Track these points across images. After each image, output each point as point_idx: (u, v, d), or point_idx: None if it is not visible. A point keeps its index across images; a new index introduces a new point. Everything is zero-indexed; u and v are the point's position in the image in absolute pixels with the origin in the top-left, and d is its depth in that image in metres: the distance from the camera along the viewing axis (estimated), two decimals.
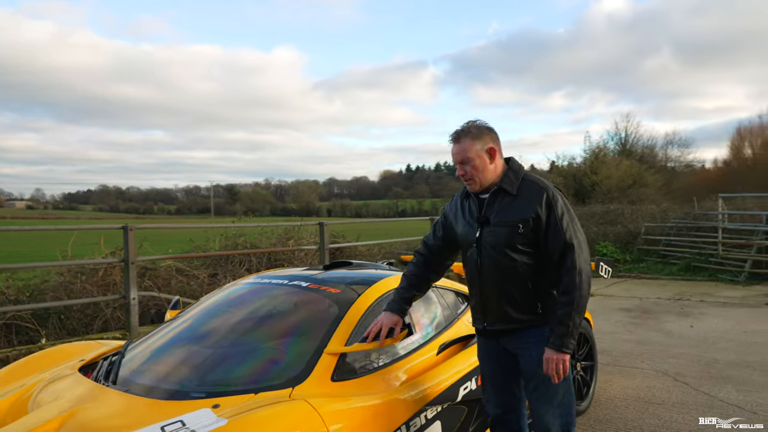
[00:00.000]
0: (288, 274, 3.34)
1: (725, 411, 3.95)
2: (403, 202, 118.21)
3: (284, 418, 2.08)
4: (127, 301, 6.05)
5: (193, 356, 2.68)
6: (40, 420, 2.21)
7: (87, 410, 2.28)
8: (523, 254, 2.38)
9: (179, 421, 2.10)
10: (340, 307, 2.83)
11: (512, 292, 2.42)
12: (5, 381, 2.83)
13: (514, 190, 2.42)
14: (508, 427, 2.63)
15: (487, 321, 2.52)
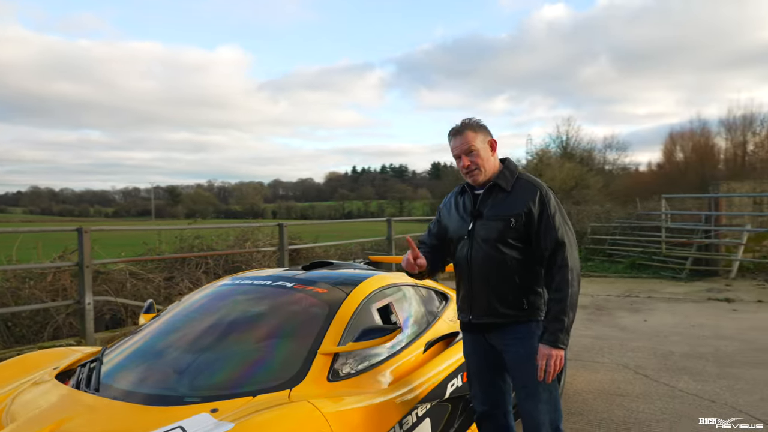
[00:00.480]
0: (268, 275, 3.28)
1: (686, 400, 4.14)
2: (349, 203, 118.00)
3: (290, 420, 2.05)
4: (82, 307, 5.79)
5: (182, 360, 2.60)
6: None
7: (76, 420, 2.17)
8: (513, 249, 2.43)
9: (178, 427, 2.04)
10: (329, 306, 2.81)
11: (500, 286, 2.46)
12: None
13: (508, 187, 2.47)
14: (494, 422, 2.67)
15: (473, 314, 2.55)
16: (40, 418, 2.20)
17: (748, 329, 6.42)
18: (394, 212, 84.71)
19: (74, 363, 2.91)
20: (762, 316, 7.16)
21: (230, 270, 8.43)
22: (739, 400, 4.11)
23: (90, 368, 2.66)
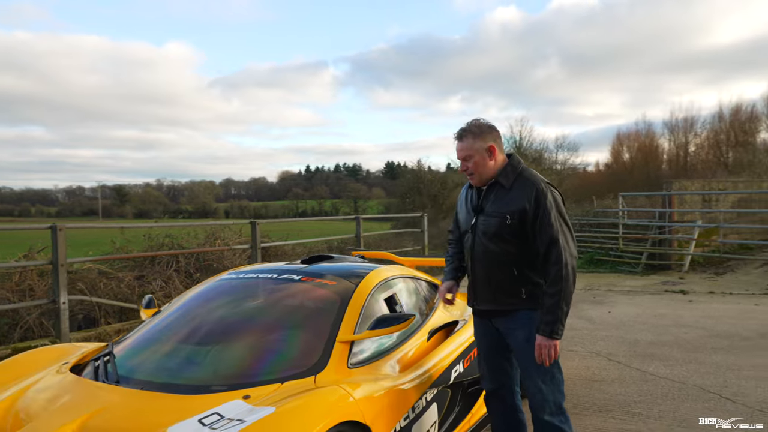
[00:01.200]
0: (271, 269, 3.35)
1: (658, 383, 4.41)
2: (303, 203, 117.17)
3: (326, 403, 2.14)
4: (57, 306, 5.67)
5: (204, 350, 2.64)
6: (53, 427, 2.10)
7: (106, 412, 2.19)
8: (510, 244, 2.57)
9: (215, 413, 2.10)
10: (341, 297, 2.90)
11: (498, 277, 2.61)
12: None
13: (508, 184, 2.61)
14: (501, 401, 2.83)
15: (476, 301, 2.73)
16: (67, 411, 2.22)
17: (704, 318, 6.83)
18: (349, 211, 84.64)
19: (84, 357, 2.91)
20: (715, 306, 7.62)
21: (202, 269, 8.36)
22: (706, 382, 4.41)
23: (105, 362, 2.67)
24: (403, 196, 23.04)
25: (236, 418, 2.03)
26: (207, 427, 2.00)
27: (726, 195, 11.52)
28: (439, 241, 15.13)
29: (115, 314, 6.79)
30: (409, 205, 21.86)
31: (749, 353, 5.22)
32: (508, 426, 2.81)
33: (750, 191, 11.89)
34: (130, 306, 6.75)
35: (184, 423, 2.05)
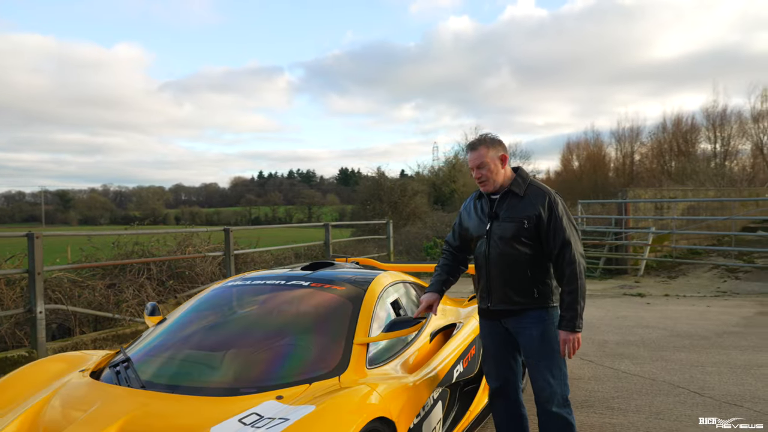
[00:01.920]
0: (277, 275, 3.45)
1: (631, 380, 4.70)
2: (256, 209, 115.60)
3: (359, 399, 2.28)
4: (33, 315, 5.56)
5: (227, 355, 2.72)
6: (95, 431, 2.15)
7: (143, 414, 2.25)
8: (525, 246, 2.79)
9: (253, 413, 2.20)
10: (352, 302, 3.04)
11: (513, 279, 2.81)
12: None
13: (521, 193, 2.83)
14: (506, 397, 3.02)
15: (491, 302, 2.90)
16: (102, 417, 2.25)
17: (663, 319, 7.25)
18: (303, 218, 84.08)
19: (98, 365, 2.93)
20: (672, 308, 8.08)
21: (174, 276, 8.29)
22: (674, 378, 4.73)
23: (125, 368, 2.71)
24: (363, 203, 23.18)
25: (278, 416, 2.13)
26: (249, 426, 2.10)
27: (676, 203, 12.17)
28: (402, 248, 15.34)
29: (90, 323, 6.68)
30: (369, 212, 22.04)
31: (709, 351, 5.61)
32: (511, 420, 3.00)
33: (698, 199, 12.60)
34: (105, 315, 6.66)
35: (225, 423, 2.14)
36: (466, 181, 28.68)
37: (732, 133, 39.83)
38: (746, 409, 3.95)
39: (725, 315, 7.43)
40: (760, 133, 38.83)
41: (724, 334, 6.33)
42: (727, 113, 40.24)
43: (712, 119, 40.65)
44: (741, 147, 39.43)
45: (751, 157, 39.21)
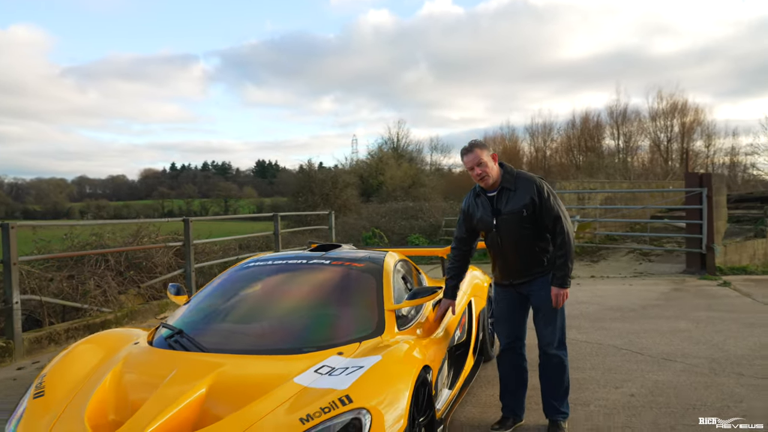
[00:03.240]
0: (295, 255, 3.84)
1: (582, 346, 5.42)
2: (169, 202, 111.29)
3: (411, 350, 2.76)
4: (9, 306, 5.56)
5: (279, 322, 3.09)
6: (183, 392, 2.43)
7: (225, 373, 2.57)
8: (529, 229, 3.35)
9: (324, 365, 2.61)
10: (374, 276, 3.49)
11: (525, 257, 3.38)
12: (61, 383, 2.69)
13: (513, 187, 3.37)
14: (514, 351, 3.58)
15: (512, 279, 3.45)
16: (188, 377, 2.53)
17: (595, 296, 8.15)
18: (219, 211, 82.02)
19: (149, 338, 3.18)
20: (600, 287, 9.06)
21: (132, 266, 8.31)
22: (617, 342, 5.51)
23: (181, 338, 3.01)
24: (295, 195, 23.35)
25: (350, 366, 2.55)
26: (326, 375, 2.51)
27: (596, 194, 13.40)
28: (341, 238, 15.76)
29: (58, 314, 6.66)
30: (301, 203, 22.24)
31: (638, 320, 6.49)
32: (515, 370, 3.56)
33: (622, 190, 13.91)
34: (76, 305, 6.67)
35: (305, 374, 2.53)
36: (393, 174, 29.44)
37: (633, 130, 43.16)
38: (680, 363, 4.75)
39: (646, 292, 8.46)
40: (657, 130, 42.33)
41: (648, 307, 7.28)
42: (628, 112, 43.53)
43: (615, 117, 43.81)
44: (641, 143, 42.85)
45: (649, 152, 42.70)
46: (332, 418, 2.19)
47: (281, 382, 2.47)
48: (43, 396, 2.57)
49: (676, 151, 41.22)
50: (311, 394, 2.35)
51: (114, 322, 6.79)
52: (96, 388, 2.58)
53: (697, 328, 6.04)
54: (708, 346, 5.27)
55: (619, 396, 4.02)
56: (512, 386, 3.61)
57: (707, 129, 41.73)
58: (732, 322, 6.24)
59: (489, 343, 4.97)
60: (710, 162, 39.94)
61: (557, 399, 3.45)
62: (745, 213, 13.90)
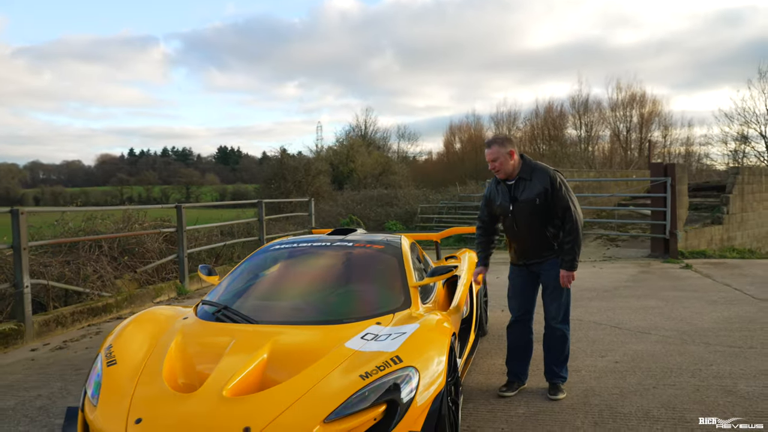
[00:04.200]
0: (319, 238, 4.19)
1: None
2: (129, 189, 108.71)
3: (442, 321, 3.13)
4: (20, 290, 5.74)
5: (317, 296, 3.44)
6: (247, 358, 2.75)
7: (280, 340, 2.91)
8: (541, 216, 3.75)
9: (368, 333, 2.98)
10: (395, 257, 3.86)
11: (538, 240, 3.78)
12: (128, 353, 2.94)
13: (529, 177, 3.77)
14: (523, 324, 4.00)
15: (526, 259, 3.85)
16: (247, 346, 2.84)
17: None
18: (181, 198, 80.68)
19: (196, 314, 3.48)
20: None
21: (124, 252, 8.47)
22: (596, 318, 6.03)
23: (229, 312, 3.33)
24: (267, 182, 23.43)
25: (392, 333, 2.92)
26: (373, 341, 2.88)
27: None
28: (318, 225, 16.03)
29: (60, 299, 6.82)
30: (274, 191, 22.36)
31: (612, 299, 7.05)
32: (523, 341, 3.98)
33: (585, 179, 14.56)
34: (77, 289, 6.84)
35: (352, 340, 2.89)
36: (364, 161, 29.73)
37: (594, 120, 44.41)
38: (654, 335, 5.29)
39: (616, 274, 9.07)
40: (617, 121, 43.68)
41: (619, 288, 7.87)
42: (589, 102, 44.74)
43: (577, 107, 44.96)
44: (601, 133, 44.14)
45: (609, 142, 44.04)
46: (387, 374, 2.56)
47: (334, 347, 2.82)
48: (116, 364, 2.85)
49: (635, 141, 42.67)
50: (364, 356, 2.72)
51: (114, 306, 7.00)
52: (164, 356, 2.88)
53: (665, 305, 6.62)
54: (677, 321, 5.83)
55: (606, 363, 4.52)
56: (519, 354, 4.03)
57: (664, 120, 43.32)
58: (696, 300, 6.85)
59: (484, 321, 5.41)
60: (667, 152, 41.49)
61: (558, 365, 3.89)
62: (702, 201, 14.79)
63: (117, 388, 2.67)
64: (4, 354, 5.35)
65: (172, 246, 9.24)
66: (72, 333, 6.11)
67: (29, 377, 4.61)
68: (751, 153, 39.12)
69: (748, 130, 38.88)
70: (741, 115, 38.80)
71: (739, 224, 13.65)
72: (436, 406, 2.61)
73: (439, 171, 45.15)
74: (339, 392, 2.48)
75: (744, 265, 9.80)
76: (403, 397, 2.51)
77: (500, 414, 3.55)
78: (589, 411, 3.56)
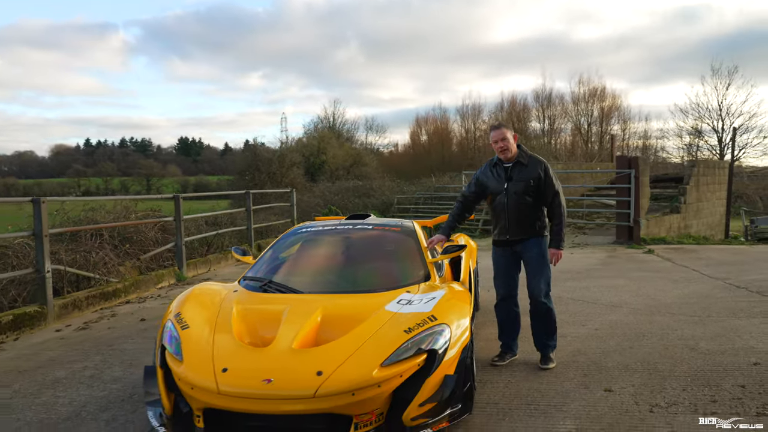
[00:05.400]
0: (341, 222, 4.72)
1: None
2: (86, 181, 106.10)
3: (464, 290, 3.71)
4: (42, 275, 6.07)
5: (350, 270, 3.97)
6: (305, 319, 3.27)
7: (329, 306, 3.44)
8: (530, 197, 4.33)
9: (402, 299, 3.53)
10: (411, 237, 4.43)
11: (523, 218, 4.34)
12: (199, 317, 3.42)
13: (526, 163, 4.36)
14: (509, 300, 4.57)
15: (509, 235, 4.42)
16: (303, 311, 3.33)
17: None
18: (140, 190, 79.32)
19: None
20: None
21: (124, 240, 8.80)
22: (575, 296, 6.72)
23: (276, 285, 3.84)
24: (241, 174, 23.64)
25: (423, 298, 3.48)
26: (407, 305, 3.43)
27: None
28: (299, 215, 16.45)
29: (72, 284, 7.14)
30: (248, 182, 22.60)
31: (586, 280, 7.78)
32: (511, 316, 4.51)
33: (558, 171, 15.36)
34: (90, 275, 7.18)
35: (390, 305, 3.44)
36: (336, 153, 30.12)
37: (557, 113, 45.79)
38: (625, 308, 6.00)
39: (586, 259, 9.85)
40: (579, 114, 45.14)
41: (591, 270, 8.62)
42: (552, 96, 46.10)
43: (540, 101, 46.28)
44: (563, 126, 45.57)
45: (571, 135, 45.50)
46: (426, 330, 3.13)
47: (376, 311, 3.37)
48: (189, 328, 3.33)
49: (596, 134, 44.21)
50: (404, 316, 3.28)
51: (123, 291, 7.37)
52: (230, 320, 3.38)
53: (633, 284, 7.38)
54: (644, 297, 6.58)
55: (587, 330, 5.19)
56: (508, 328, 4.59)
57: (623, 114, 45.02)
58: (659, 280, 7.64)
59: (478, 297, 6.04)
60: (625, 145, 43.16)
61: (546, 335, 4.42)
62: (661, 192, 15.82)
63: (197, 346, 3.16)
64: (32, 334, 5.70)
65: (166, 235, 9.59)
66: (88, 315, 6.48)
67: (68, 353, 5.00)
68: (704, 147, 41.08)
69: (701, 124, 40.83)
70: (695, 111, 40.72)
71: (695, 213, 14.70)
72: (463, 356, 3.19)
73: (405, 163, 45.74)
74: (390, 344, 3.03)
75: (700, 250, 10.73)
76: (439, 348, 3.08)
77: (505, 370, 4.17)
78: (578, 366, 4.21)
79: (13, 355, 4.96)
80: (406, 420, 2.89)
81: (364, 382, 2.82)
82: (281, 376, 2.84)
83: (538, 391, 3.76)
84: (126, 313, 6.58)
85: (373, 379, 2.84)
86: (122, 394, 3.93)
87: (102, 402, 3.80)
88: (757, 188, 34.05)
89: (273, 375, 2.85)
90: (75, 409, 3.68)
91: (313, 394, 2.74)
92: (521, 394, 3.71)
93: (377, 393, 2.84)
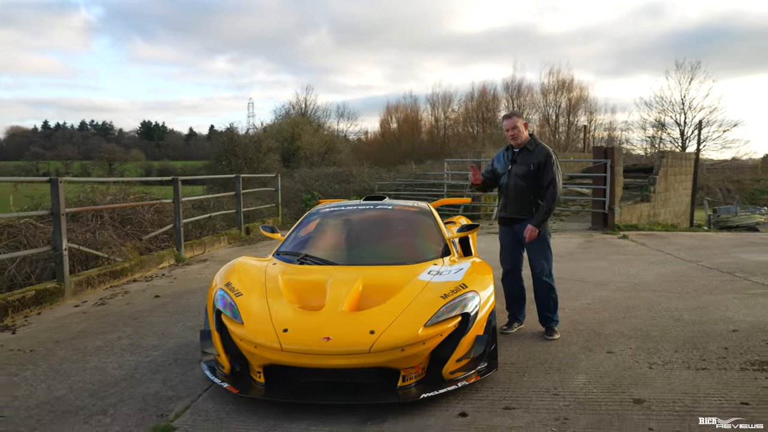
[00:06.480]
0: (361, 203, 5.08)
1: None
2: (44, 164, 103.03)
3: (484, 263, 4.12)
4: (59, 252, 6.26)
5: (378, 246, 4.35)
6: (348, 288, 3.63)
7: (368, 276, 3.82)
8: (530, 180, 4.74)
9: (431, 270, 3.93)
10: (429, 217, 4.83)
11: (522, 200, 4.74)
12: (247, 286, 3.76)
13: (532, 149, 4.78)
14: (513, 275, 5.00)
15: (507, 213, 4.82)
16: (346, 280, 3.72)
17: None
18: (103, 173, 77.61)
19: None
20: None
21: (124, 221, 8.96)
22: (563, 276, 7.19)
23: (307, 257, 4.19)
24: (218, 158, 23.60)
25: (451, 270, 3.88)
26: (438, 275, 3.83)
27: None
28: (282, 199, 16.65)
29: (81, 262, 7.32)
30: (225, 167, 22.61)
31: (570, 262, 8.32)
32: (516, 288, 4.94)
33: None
34: (100, 254, 7.37)
35: (422, 275, 3.84)
36: (310, 140, 30.24)
37: (526, 103, 46.67)
38: (611, 286, 6.54)
39: (567, 243, 10.42)
40: (547, 106, 46.13)
41: (573, 253, 9.18)
42: (522, 87, 46.95)
43: (510, 91, 47.07)
44: (532, 117, 46.48)
45: (539, 126, 46.47)
46: (459, 296, 3.54)
47: (411, 280, 3.77)
48: (243, 295, 3.66)
49: (563, 125, 45.29)
50: (437, 285, 3.68)
51: (129, 270, 7.57)
52: (279, 288, 3.73)
53: (614, 265, 7.95)
54: (626, 276, 7.13)
55: (581, 305, 5.69)
56: (514, 299, 5.03)
57: (590, 106, 46.21)
58: (637, 262, 8.23)
59: None
60: (592, 137, 44.35)
61: (549, 311, 4.83)
62: (632, 181, 16.60)
63: (255, 311, 3.50)
64: (51, 309, 5.90)
65: (162, 217, 9.77)
66: (101, 293, 6.69)
67: (96, 326, 5.24)
68: (667, 139, 42.60)
69: (665, 117, 42.30)
70: (659, 104, 42.14)
71: (663, 202, 15.52)
72: (490, 319, 3.61)
73: (375, 151, 45.99)
74: (430, 307, 3.43)
75: (670, 236, 11.44)
76: (471, 311, 3.49)
77: (514, 337, 4.63)
78: (579, 333, 4.69)
79: (43, 328, 5.18)
80: (446, 373, 3.30)
81: (411, 339, 3.21)
82: (338, 335, 3.21)
83: (549, 353, 4.22)
84: (138, 290, 6.80)
85: (419, 337, 3.23)
86: (166, 359, 4.23)
87: (151, 366, 4.09)
88: (717, 180, 35.63)
89: (330, 333, 3.21)
90: (128, 372, 3.97)
91: (368, 349, 3.12)
92: (534, 356, 4.16)
93: (422, 349, 3.24)
